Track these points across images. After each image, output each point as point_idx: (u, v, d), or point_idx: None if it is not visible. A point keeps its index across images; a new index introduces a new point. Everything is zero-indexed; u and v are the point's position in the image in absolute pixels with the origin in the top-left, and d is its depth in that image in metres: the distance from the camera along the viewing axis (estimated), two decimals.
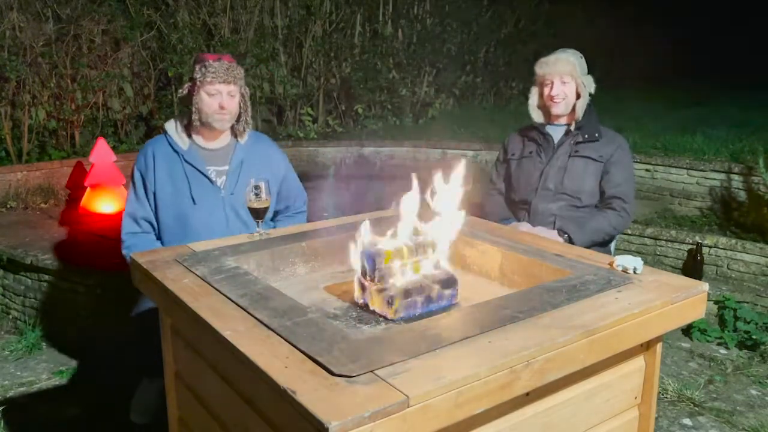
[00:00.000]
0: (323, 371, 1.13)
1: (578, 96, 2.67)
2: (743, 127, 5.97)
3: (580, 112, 2.68)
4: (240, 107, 2.43)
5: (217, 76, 2.33)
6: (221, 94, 2.35)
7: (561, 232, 2.58)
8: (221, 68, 2.34)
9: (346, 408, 1.01)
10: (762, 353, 3.27)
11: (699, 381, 3.01)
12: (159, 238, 2.47)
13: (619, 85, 9.44)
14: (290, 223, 2.56)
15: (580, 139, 2.69)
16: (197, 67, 2.34)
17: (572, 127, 2.71)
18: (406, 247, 1.56)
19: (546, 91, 2.69)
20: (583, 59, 2.70)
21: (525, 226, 2.63)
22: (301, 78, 7.14)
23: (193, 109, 2.36)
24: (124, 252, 2.42)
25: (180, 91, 2.43)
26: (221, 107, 2.35)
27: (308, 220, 2.66)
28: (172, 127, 2.46)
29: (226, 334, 1.28)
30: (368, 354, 1.18)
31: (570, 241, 2.53)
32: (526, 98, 2.85)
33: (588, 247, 2.54)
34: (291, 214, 2.67)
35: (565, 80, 2.64)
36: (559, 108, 2.68)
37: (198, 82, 2.33)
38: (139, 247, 2.31)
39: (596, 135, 2.68)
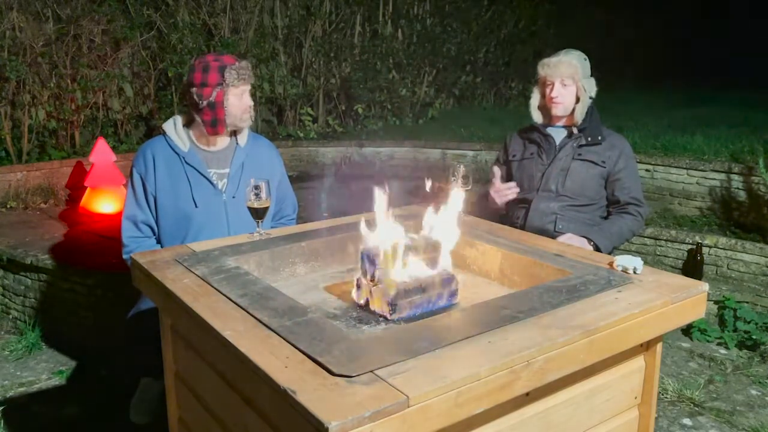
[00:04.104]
0: (323, 371, 1.13)
1: (578, 100, 2.67)
2: (743, 127, 5.97)
3: (579, 116, 2.68)
4: None
5: (247, 78, 2.35)
6: (246, 93, 2.37)
7: (588, 239, 2.59)
8: (247, 68, 2.36)
9: (346, 408, 1.01)
10: (762, 353, 3.27)
11: (699, 381, 3.01)
12: (158, 241, 2.46)
13: (619, 85, 9.44)
14: None
15: (583, 142, 2.69)
16: (226, 71, 2.29)
17: (574, 130, 2.71)
18: (406, 247, 1.56)
19: (547, 92, 2.69)
20: (587, 61, 2.69)
21: (564, 237, 2.60)
22: (301, 78, 7.14)
23: (225, 113, 2.33)
24: (125, 257, 2.41)
25: (209, 98, 2.30)
26: (249, 106, 2.38)
27: (308, 221, 2.66)
28: (170, 128, 2.43)
29: (226, 334, 1.28)
30: (368, 354, 1.18)
31: (596, 248, 2.54)
32: (526, 98, 2.85)
33: (609, 252, 2.56)
34: (279, 219, 2.65)
35: (566, 83, 2.64)
36: (559, 110, 2.69)
37: (231, 86, 2.31)
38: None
39: (599, 138, 2.68)
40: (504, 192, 2.66)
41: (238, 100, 2.35)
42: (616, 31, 10.56)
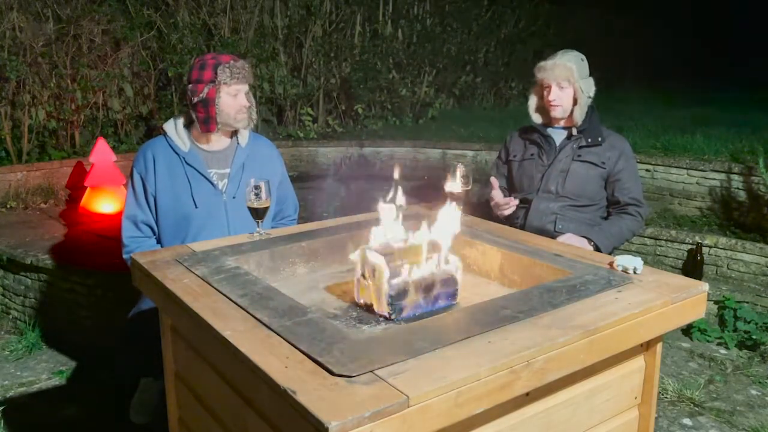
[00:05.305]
0: (323, 371, 1.13)
1: (576, 101, 2.67)
2: (743, 127, 5.97)
3: (578, 117, 2.67)
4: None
5: (241, 77, 2.33)
6: (241, 93, 2.36)
7: (588, 239, 2.59)
8: (243, 68, 2.35)
9: (346, 408, 1.01)
10: (762, 353, 3.27)
11: (699, 381, 3.01)
12: (159, 241, 2.46)
13: (619, 85, 9.45)
14: None
15: (583, 143, 2.69)
16: (219, 69, 2.30)
17: (574, 131, 2.71)
18: (407, 247, 1.56)
19: (545, 94, 2.70)
20: (585, 61, 2.68)
21: (563, 237, 2.61)
22: (301, 78, 7.14)
23: (217, 110, 2.33)
24: (125, 257, 2.41)
25: (200, 95, 2.32)
26: (244, 106, 2.36)
27: (308, 221, 2.66)
28: (171, 128, 2.43)
29: (226, 334, 1.28)
30: (368, 354, 1.18)
31: (596, 248, 2.54)
32: (526, 98, 2.85)
33: (609, 252, 2.56)
34: (280, 220, 2.65)
35: (562, 85, 2.64)
36: (557, 112, 2.68)
37: (222, 84, 2.31)
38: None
39: (599, 139, 2.68)
40: (503, 207, 2.66)
41: (232, 99, 2.34)
42: (616, 31, 10.57)
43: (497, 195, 2.69)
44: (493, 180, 2.74)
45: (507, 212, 2.66)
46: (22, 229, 3.97)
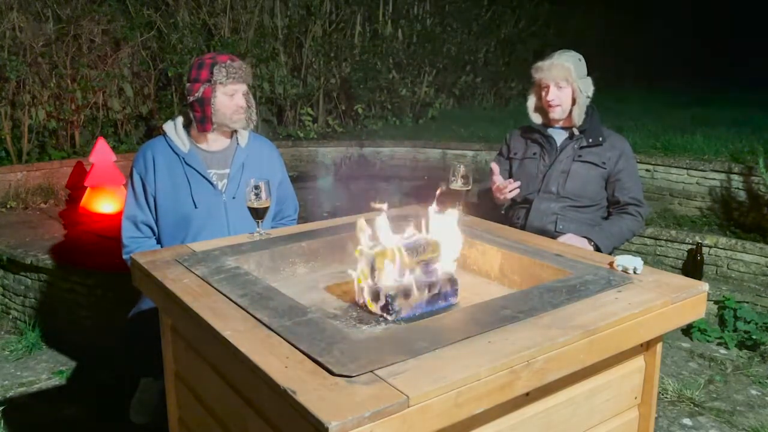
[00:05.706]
0: (323, 371, 1.13)
1: (574, 101, 2.66)
2: (743, 127, 5.97)
3: (577, 118, 2.67)
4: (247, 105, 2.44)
5: (237, 77, 2.33)
6: (238, 93, 2.35)
7: (588, 240, 2.59)
8: (240, 68, 2.35)
9: (346, 408, 1.01)
10: (762, 353, 3.27)
11: (699, 381, 3.01)
12: (158, 241, 2.46)
13: (619, 85, 9.45)
14: None
15: (584, 144, 2.68)
16: (216, 68, 2.30)
17: (576, 131, 2.71)
18: (407, 248, 1.56)
19: (543, 95, 2.69)
20: (582, 61, 2.68)
21: (564, 238, 2.60)
22: (301, 78, 7.14)
23: (212, 110, 2.33)
24: (125, 257, 2.41)
25: (196, 94, 2.33)
26: (240, 107, 2.36)
27: (308, 221, 2.66)
28: (171, 128, 2.43)
29: (226, 334, 1.28)
30: (368, 354, 1.18)
31: (597, 248, 2.54)
32: (526, 98, 2.85)
33: (609, 252, 2.56)
34: (280, 220, 2.65)
35: (560, 85, 2.64)
36: (556, 113, 2.68)
37: (218, 84, 2.31)
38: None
39: (600, 139, 2.68)
40: (504, 191, 2.64)
41: (229, 100, 2.34)
42: (616, 31, 10.57)
43: (499, 179, 2.66)
44: (494, 166, 2.71)
45: (509, 195, 2.62)
46: (22, 229, 3.97)
